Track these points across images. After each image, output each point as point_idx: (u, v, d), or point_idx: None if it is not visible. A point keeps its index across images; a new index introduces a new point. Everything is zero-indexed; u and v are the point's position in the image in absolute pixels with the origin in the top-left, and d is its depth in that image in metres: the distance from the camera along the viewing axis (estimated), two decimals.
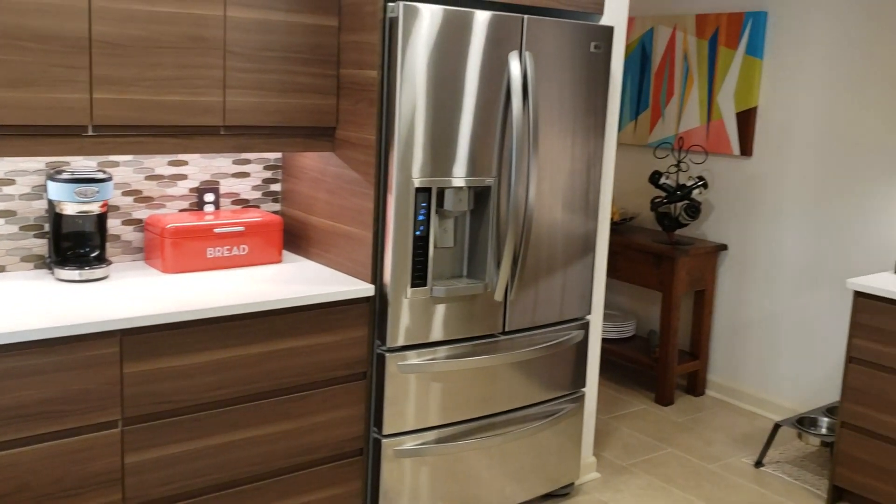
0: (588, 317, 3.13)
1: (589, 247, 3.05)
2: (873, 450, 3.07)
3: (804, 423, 3.55)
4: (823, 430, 3.54)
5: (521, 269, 2.81)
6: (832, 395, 3.90)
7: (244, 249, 2.75)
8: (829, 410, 3.61)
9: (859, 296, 3.08)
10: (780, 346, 4.10)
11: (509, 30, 2.65)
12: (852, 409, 3.13)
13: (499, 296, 2.78)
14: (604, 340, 4.57)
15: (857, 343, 3.10)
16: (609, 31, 2.93)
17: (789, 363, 4.07)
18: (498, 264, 2.77)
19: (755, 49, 4.08)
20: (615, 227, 4.58)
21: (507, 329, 2.86)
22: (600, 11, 2.99)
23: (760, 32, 4.06)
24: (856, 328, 3.10)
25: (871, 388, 3.06)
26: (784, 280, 4.07)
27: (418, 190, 2.57)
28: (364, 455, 2.70)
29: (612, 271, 4.43)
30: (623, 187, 4.83)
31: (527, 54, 2.70)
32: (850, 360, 3.12)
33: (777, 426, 3.51)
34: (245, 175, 2.98)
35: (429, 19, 2.48)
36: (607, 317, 4.73)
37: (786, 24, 3.97)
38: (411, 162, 2.53)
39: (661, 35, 4.53)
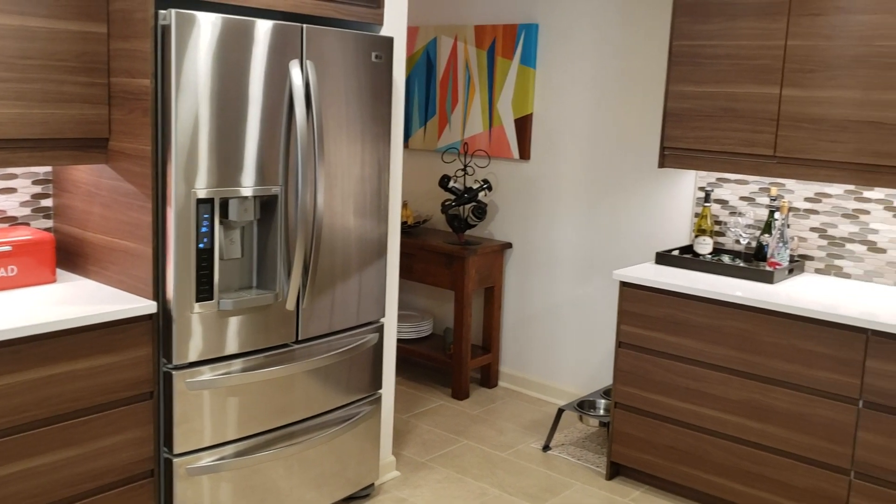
0: (382, 319, 3.21)
1: (381, 250, 3.12)
2: (643, 426, 3.38)
3: (584, 406, 3.83)
4: (601, 412, 3.85)
5: (313, 276, 2.83)
6: (609, 378, 4.24)
7: (13, 270, 2.57)
8: (606, 393, 3.92)
9: (624, 285, 3.37)
10: (563, 336, 4.40)
11: (290, 39, 2.66)
12: (623, 390, 3.42)
13: (290, 305, 2.78)
14: (402, 341, 4.68)
15: (624, 329, 3.39)
16: (389, 41, 3.02)
17: (571, 351, 4.37)
18: (288, 273, 2.77)
19: (529, 59, 4.35)
20: (410, 229, 4.70)
21: (300, 338, 2.87)
22: (380, 22, 3.07)
23: (533, 43, 4.32)
24: (623, 315, 3.39)
25: (638, 369, 3.36)
26: (563, 274, 4.36)
27: (200, 201, 2.52)
28: (155, 476, 2.61)
29: (408, 273, 4.55)
30: (416, 191, 4.97)
31: (308, 63, 2.72)
32: (620, 344, 3.42)
33: (560, 411, 3.77)
34: (11, 191, 2.79)
35: (207, 27, 2.44)
36: (405, 318, 4.85)
37: (555, 36, 4.26)
38: (193, 173, 2.48)
39: (444, 45, 4.70)
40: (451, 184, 4.40)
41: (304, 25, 2.71)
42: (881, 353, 2.77)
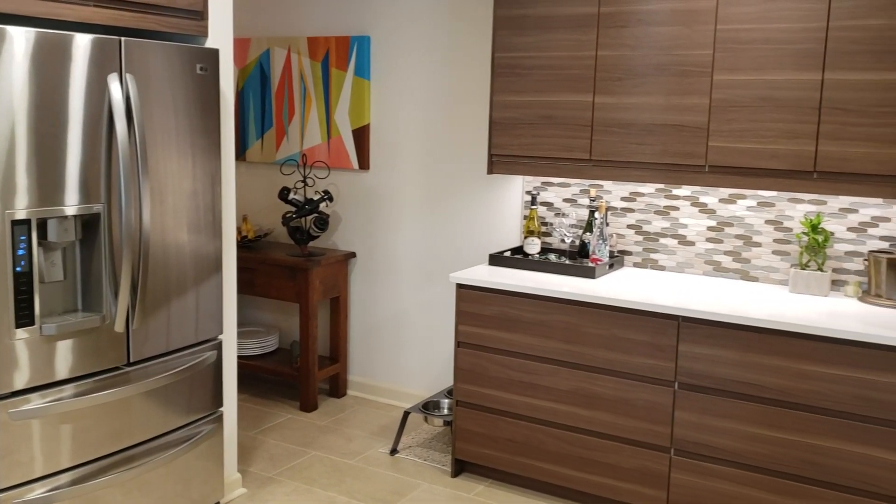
0: (220, 336, 3.17)
1: (217, 266, 3.09)
2: (483, 422, 3.51)
3: (429, 407, 3.93)
4: (445, 411, 3.96)
5: (143, 296, 2.77)
6: (451, 378, 4.36)
7: None
8: (450, 392, 4.04)
9: (460, 287, 3.50)
10: (408, 341, 4.49)
11: (108, 53, 2.60)
12: (463, 388, 3.54)
13: (119, 327, 2.71)
14: (248, 357, 4.62)
15: (462, 329, 3.51)
16: (214, 53, 3.00)
17: (417, 355, 4.47)
18: (115, 294, 2.70)
19: (362, 71, 4.42)
20: (251, 243, 4.66)
21: (133, 359, 2.80)
22: (205, 34, 3.05)
23: (366, 55, 4.40)
24: (460, 316, 3.51)
25: (476, 367, 3.49)
26: (406, 280, 4.46)
27: (16, 223, 2.42)
28: None
29: (251, 288, 4.51)
30: (256, 205, 4.93)
31: (128, 77, 2.67)
32: (459, 344, 3.54)
33: (406, 414, 3.85)
34: None
35: (20, 42, 2.35)
36: (250, 333, 4.79)
37: (386, 48, 4.35)
38: (9, 193, 2.38)
39: (278, 56, 4.70)
40: (292, 196, 4.40)
41: (123, 39, 2.66)
42: (691, 338, 3.02)
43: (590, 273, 3.47)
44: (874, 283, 3.12)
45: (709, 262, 3.57)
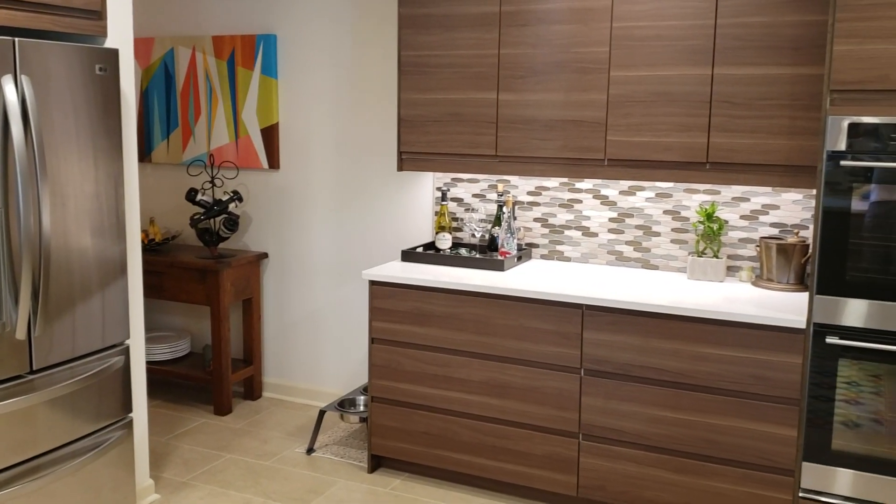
0: (128, 341, 3.12)
1: (121, 269, 3.03)
2: (399, 416, 3.55)
3: (345, 404, 3.94)
4: (361, 408, 3.98)
5: (45, 302, 2.70)
6: (367, 375, 4.38)
7: None
8: (365, 389, 4.07)
9: (373, 284, 3.53)
10: (323, 340, 4.49)
11: (2, 53, 2.53)
12: (378, 383, 3.57)
13: (20, 333, 2.64)
14: (160, 362, 4.54)
15: (376, 325, 3.55)
16: (114, 53, 2.95)
17: (332, 353, 4.47)
18: (16, 301, 2.63)
19: (269, 69, 4.39)
20: (159, 246, 4.57)
21: (36, 367, 2.73)
22: (103, 34, 2.99)
23: (272, 54, 4.38)
24: (374, 312, 3.54)
25: (390, 362, 3.53)
26: (320, 279, 4.46)
27: None
28: None
29: (160, 292, 4.42)
30: (164, 207, 4.84)
31: (23, 78, 2.60)
32: (373, 340, 3.57)
33: (322, 412, 3.85)
34: None
35: None
36: (161, 338, 4.71)
37: (294, 46, 4.34)
38: None
39: (182, 56, 4.62)
40: (200, 197, 4.34)
41: (17, 39, 2.59)
42: (595, 325, 3.13)
43: (499, 266, 3.55)
44: (766, 268, 3.29)
45: (611, 252, 3.69)
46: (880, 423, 2.68)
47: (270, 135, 4.46)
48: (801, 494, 2.82)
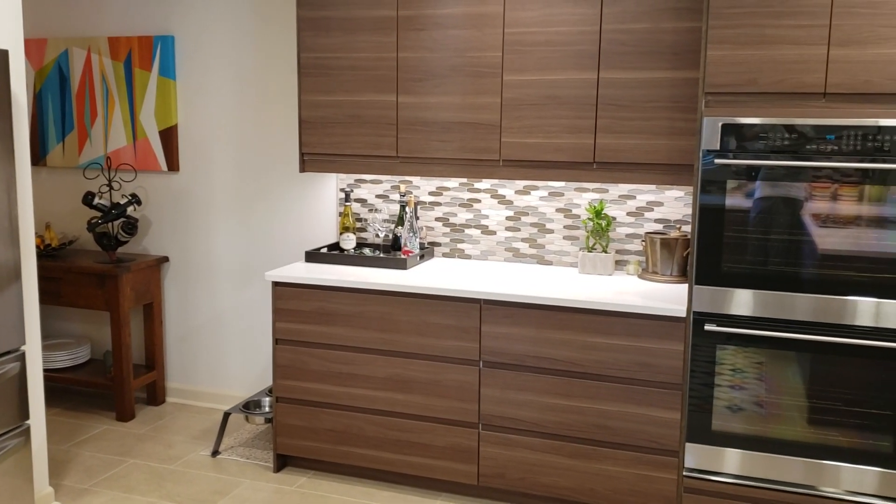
0: (23, 347, 3.06)
1: (14, 275, 2.98)
2: (304, 415, 3.59)
3: (250, 406, 3.95)
4: (267, 410, 4.00)
5: None
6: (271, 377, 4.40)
7: None
8: (270, 391, 4.08)
9: (277, 285, 3.55)
10: (228, 343, 4.48)
11: None
12: (283, 384, 3.60)
13: None
14: (59, 370, 4.44)
15: (280, 326, 3.57)
16: (3, 54, 2.89)
17: (237, 356, 4.47)
18: None
19: (167, 71, 4.35)
20: (55, 252, 4.47)
21: None
22: None
23: (170, 55, 4.34)
24: (277, 313, 3.57)
25: (295, 362, 3.57)
26: (223, 282, 4.44)
27: None
28: None
29: (58, 298, 4.33)
30: (60, 211, 4.73)
31: None
32: (277, 341, 3.59)
33: (227, 415, 3.85)
34: None
35: None
36: (59, 346, 4.60)
37: (192, 48, 4.32)
38: None
39: (77, 57, 4.53)
40: (97, 200, 4.26)
41: None
42: (491, 319, 3.25)
43: (402, 265, 3.63)
44: (651, 262, 3.48)
45: (508, 249, 3.83)
46: (761, 406, 2.88)
47: (169, 137, 4.42)
48: (685, 474, 3.01)
